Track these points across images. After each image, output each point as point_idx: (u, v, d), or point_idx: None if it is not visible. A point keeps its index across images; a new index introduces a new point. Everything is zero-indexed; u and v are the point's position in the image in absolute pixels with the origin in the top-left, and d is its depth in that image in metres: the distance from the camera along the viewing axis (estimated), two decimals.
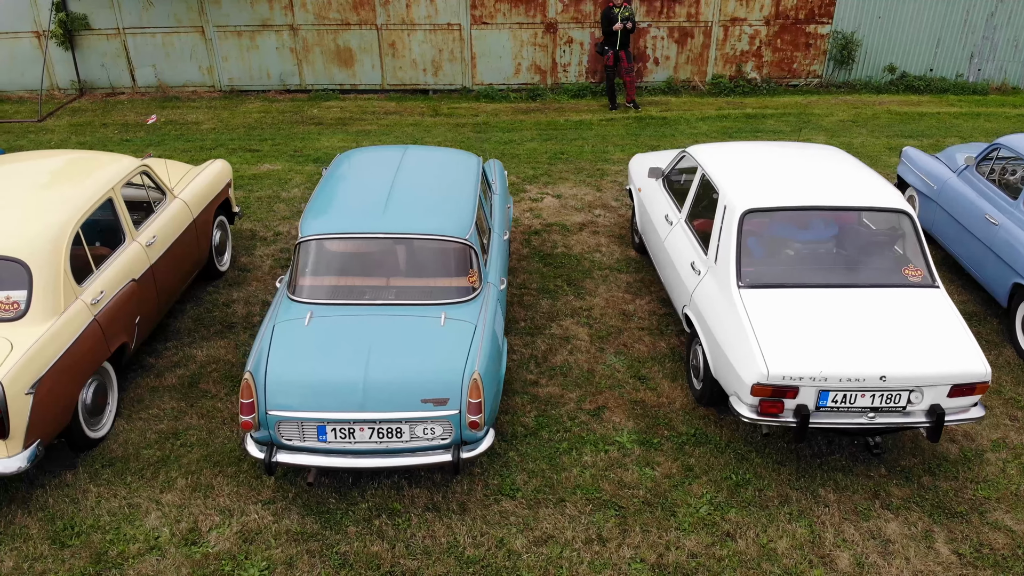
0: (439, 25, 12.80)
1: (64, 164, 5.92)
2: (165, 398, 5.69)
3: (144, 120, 11.86)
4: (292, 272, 5.24)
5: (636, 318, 6.64)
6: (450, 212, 5.41)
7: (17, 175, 5.68)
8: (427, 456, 4.61)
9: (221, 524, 4.62)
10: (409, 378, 4.57)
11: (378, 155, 6.42)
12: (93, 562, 4.38)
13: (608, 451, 5.20)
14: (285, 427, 4.60)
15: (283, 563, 4.37)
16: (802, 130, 11.40)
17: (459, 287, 5.15)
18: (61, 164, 5.94)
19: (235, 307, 6.81)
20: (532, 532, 4.58)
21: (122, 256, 5.53)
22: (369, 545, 4.48)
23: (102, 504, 4.77)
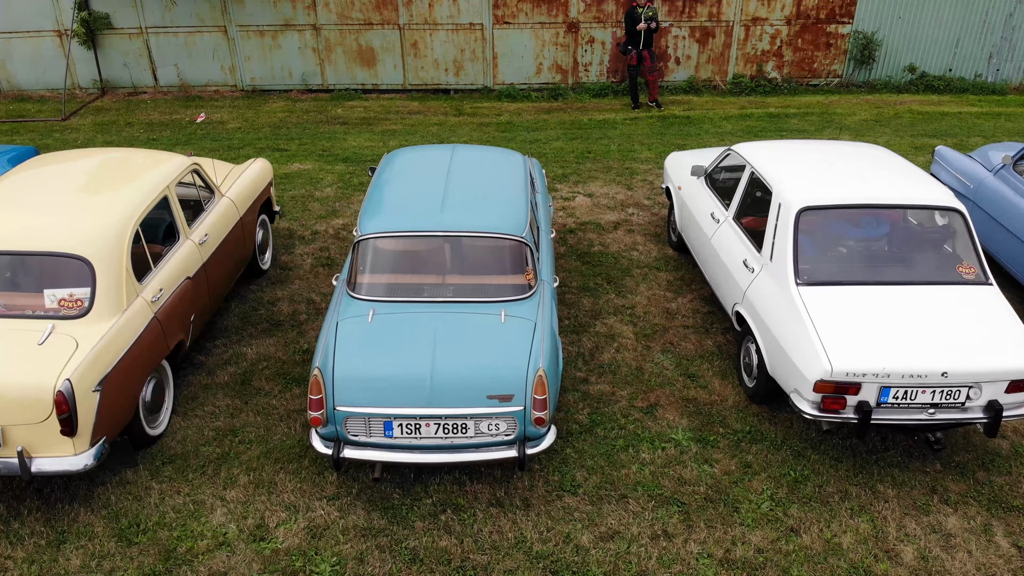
0: (461, 25, 12.82)
1: (118, 162, 5.93)
2: (219, 395, 5.70)
3: (194, 119, 11.93)
4: (351, 270, 5.25)
5: (680, 316, 6.66)
6: (506, 210, 5.43)
7: (73, 173, 5.69)
8: (492, 452, 4.63)
9: (288, 520, 4.64)
10: (475, 374, 4.59)
11: (427, 154, 6.44)
12: (162, 559, 4.39)
13: (665, 448, 5.22)
14: (352, 423, 4.62)
15: (354, 558, 4.38)
16: (826, 129, 11.46)
17: (517, 285, 5.16)
18: (115, 162, 5.94)
19: (280, 305, 6.83)
20: (597, 528, 4.60)
21: (177, 254, 5.55)
22: (437, 540, 4.50)
23: (166, 501, 4.79)
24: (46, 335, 4.55)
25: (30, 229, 4.85)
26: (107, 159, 6.03)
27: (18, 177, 5.60)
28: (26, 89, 13.30)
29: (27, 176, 5.60)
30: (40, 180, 5.54)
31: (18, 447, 4.33)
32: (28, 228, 4.86)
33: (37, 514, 4.68)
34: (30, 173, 5.65)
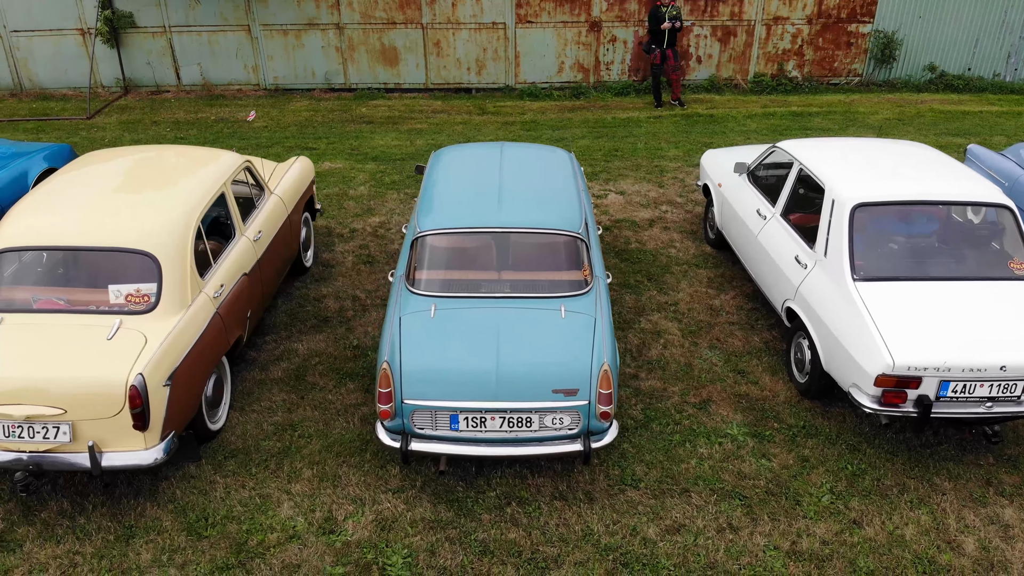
0: (484, 24, 12.86)
1: (174, 159, 5.96)
2: (274, 391, 5.74)
3: (244, 117, 11.99)
4: (409, 266, 5.29)
5: (724, 313, 6.70)
6: (562, 206, 5.47)
7: (130, 169, 5.73)
8: (557, 445, 4.67)
9: (355, 513, 4.67)
10: (540, 369, 4.62)
11: (476, 151, 6.48)
12: (234, 552, 4.43)
13: (722, 443, 5.26)
14: (418, 416, 4.66)
15: (425, 550, 4.42)
16: (850, 128, 11.50)
17: (574, 280, 5.20)
18: (171, 159, 5.98)
19: (326, 302, 6.86)
20: (662, 521, 4.64)
21: (234, 250, 5.58)
22: (505, 532, 4.54)
23: (232, 495, 4.82)
24: (114, 330, 4.59)
25: (96, 225, 4.88)
26: (162, 156, 6.06)
27: (74, 174, 5.63)
28: (48, 88, 13.32)
29: (83, 173, 5.63)
30: (98, 177, 5.57)
31: (89, 442, 4.37)
32: (93, 224, 4.89)
33: (103, 509, 4.72)
34: (86, 170, 5.68)
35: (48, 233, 4.86)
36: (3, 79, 13.31)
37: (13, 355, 4.45)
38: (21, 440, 4.39)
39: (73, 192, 5.33)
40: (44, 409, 4.30)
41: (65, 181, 5.49)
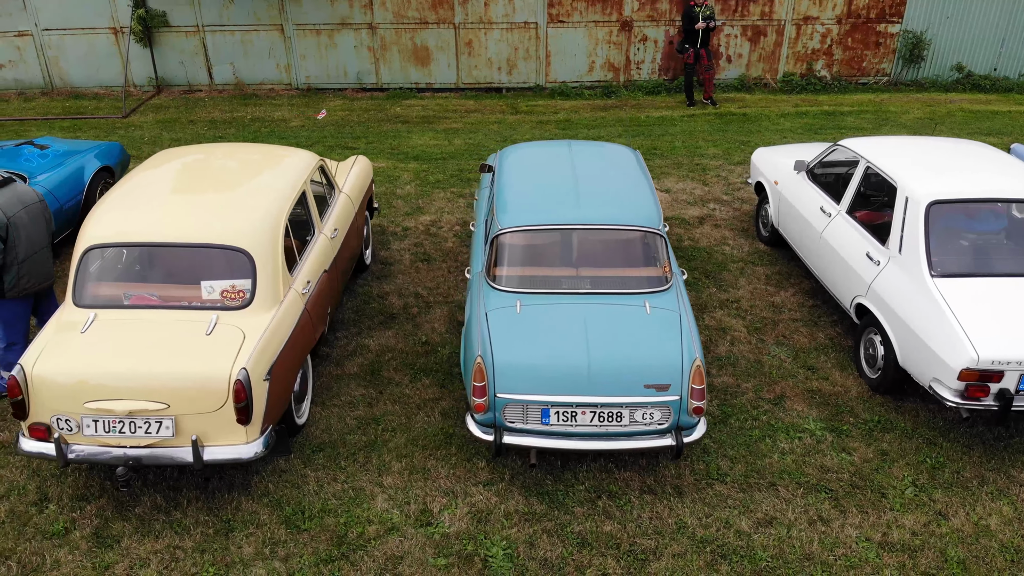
0: (516, 24, 12.91)
1: (254, 157, 6.01)
2: (352, 385, 5.79)
3: (315, 116, 12.07)
4: (490, 262, 5.35)
5: (787, 309, 6.77)
6: (639, 203, 5.53)
7: (212, 167, 5.78)
8: (649, 440, 4.73)
9: (450, 505, 4.73)
10: (632, 364, 4.68)
11: (545, 149, 6.55)
12: (335, 544, 4.48)
13: (800, 438, 5.32)
14: (510, 410, 4.71)
15: (523, 543, 4.48)
16: (883, 127, 11.58)
17: (654, 277, 5.26)
18: (251, 157, 6.03)
19: (390, 299, 6.91)
20: (753, 514, 4.70)
21: (315, 247, 5.63)
22: (600, 525, 4.60)
23: (325, 488, 4.87)
24: (212, 325, 4.64)
25: (189, 222, 4.93)
26: (240, 154, 6.12)
27: (154, 172, 5.67)
28: (79, 86, 13.35)
29: (164, 171, 5.68)
30: (180, 174, 5.62)
31: (192, 436, 4.42)
32: (187, 221, 4.94)
33: (198, 504, 4.77)
34: (165, 168, 5.73)
35: (140, 230, 4.90)
36: (34, 78, 13.34)
37: (112, 351, 4.50)
38: (122, 436, 4.44)
39: (159, 189, 5.38)
40: (147, 404, 4.35)
41: (147, 179, 5.54)
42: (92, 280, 4.88)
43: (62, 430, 4.45)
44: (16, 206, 5.35)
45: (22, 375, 4.39)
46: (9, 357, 5.61)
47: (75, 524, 4.62)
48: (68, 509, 4.73)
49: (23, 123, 11.88)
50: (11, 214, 5.28)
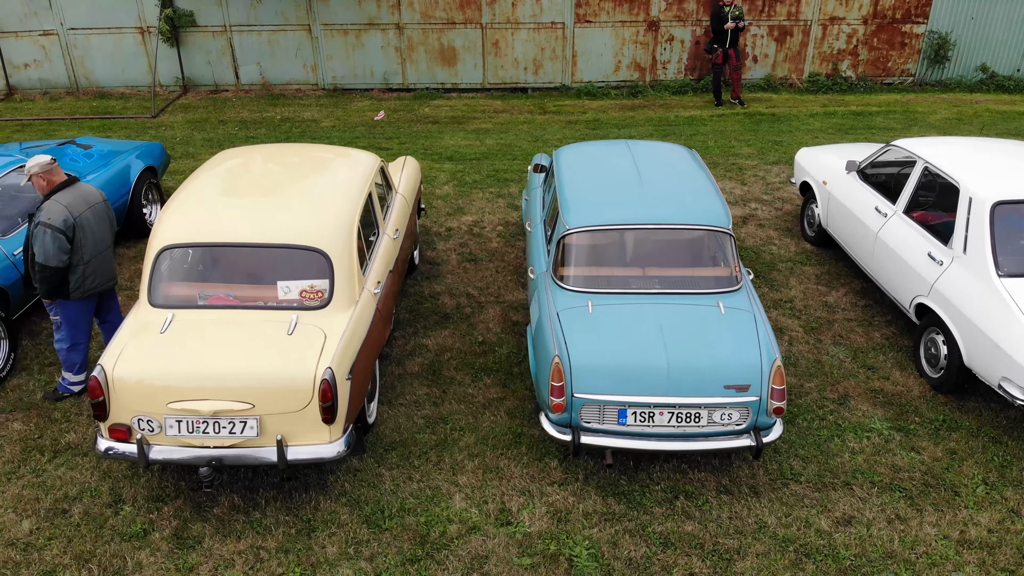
0: (543, 24, 12.92)
1: (317, 157, 6.02)
2: (415, 385, 5.79)
3: (373, 116, 12.11)
4: (556, 262, 5.35)
5: (840, 309, 6.78)
6: (707, 202, 5.53)
7: (279, 168, 5.79)
8: (727, 440, 4.73)
9: (528, 505, 4.73)
10: (712, 364, 4.68)
11: (603, 148, 6.55)
12: (418, 544, 4.48)
13: (869, 437, 5.34)
14: (586, 410, 4.72)
15: (606, 542, 4.48)
16: (913, 127, 11.60)
17: (724, 277, 5.26)
18: (314, 157, 6.03)
19: (442, 299, 6.92)
20: (832, 513, 4.71)
21: (381, 248, 5.64)
22: (681, 525, 4.60)
23: (401, 487, 4.88)
24: (293, 325, 4.64)
25: (265, 222, 4.94)
26: (303, 154, 6.13)
27: (218, 172, 5.66)
28: (105, 86, 13.34)
29: (229, 171, 5.68)
30: (247, 175, 5.63)
31: (278, 435, 4.42)
32: (263, 221, 4.94)
33: (276, 504, 4.77)
34: (230, 168, 5.73)
35: (216, 230, 4.90)
36: (59, 77, 13.33)
37: (195, 351, 4.50)
38: (206, 436, 4.43)
39: (228, 190, 5.39)
40: (233, 404, 4.35)
41: (214, 179, 5.54)
42: (167, 280, 4.88)
43: (143, 431, 4.45)
44: (82, 206, 5.35)
45: (103, 376, 4.39)
46: (73, 357, 5.62)
47: (153, 526, 4.62)
48: (144, 511, 4.72)
49: (51, 122, 11.87)
50: (77, 214, 5.28)
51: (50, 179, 5.32)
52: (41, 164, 5.25)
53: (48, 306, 5.50)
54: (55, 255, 5.14)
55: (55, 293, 5.34)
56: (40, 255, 5.16)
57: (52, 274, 5.19)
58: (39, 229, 5.16)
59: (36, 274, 5.27)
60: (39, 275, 5.24)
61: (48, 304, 5.48)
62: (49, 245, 5.12)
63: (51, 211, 5.18)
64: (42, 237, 5.14)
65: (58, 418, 5.52)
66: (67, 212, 5.20)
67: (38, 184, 5.33)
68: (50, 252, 5.13)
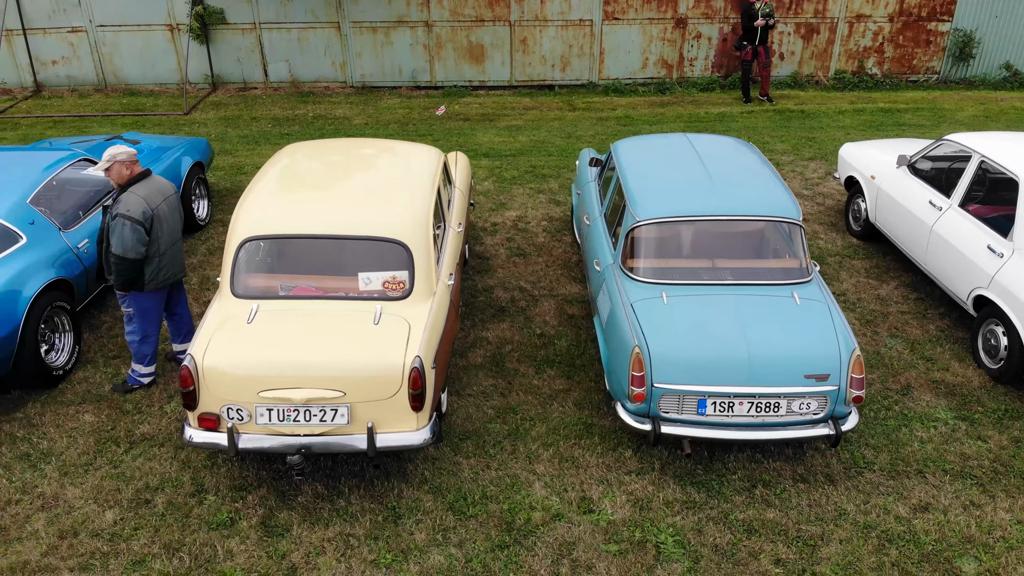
0: (571, 21, 12.97)
1: (386, 152, 6.07)
2: (480, 376, 5.85)
3: (435, 111, 12.19)
4: (625, 253, 5.40)
5: (893, 302, 6.84)
6: (776, 193, 5.58)
7: (349, 162, 5.84)
8: (806, 429, 4.79)
9: (608, 493, 4.79)
10: (792, 354, 4.74)
11: (663, 141, 6.61)
12: (505, 530, 4.53)
13: (935, 427, 5.40)
14: (665, 400, 4.78)
15: (691, 530, 4.54)
16: (941, 124, 11.67)
17: (796, 268, 5.31)
18: (384, 152, 6.08)
19: (496, 292, 6.97)
20: (908, 500, 4.77)
21: (448, 241, 5.69)
22: (763, 512, 4.66)
23: (480, 476, 4.93)
24: (378, 315, 4.69)
25: (346, 215, 5.00)
26: (372, 148, 6.18)
27: (288, 165, 5.71)
28: (133, 83, 13.36)
29: (299, 165, 5.73)
30: (318, 168, 5.68)
31: (368, 423, 4.47)
32: (344, 214, 5.00)
33: (359, 492, 4.82)
34: (299, 162, 5.77)
35: (297, 222, 4.95)
36: (87, 74, 13.35)
37: (285, 341, 4.55)
38: (297, 424, 4.49)
39: (303, 183, 5.45)
40: (325, 392, 4.40)
41: (286, 173, 5.59)
42: (249, 271, 4.93)
43: (232, 420, 4.50)
44: (158, 198, 5.40)
45: (194, 365, 4.44)
46: (144, 349, 5.66)
47: (239, 514, 4.67)
48: (229, 500, 4.77)
49: (83, 119, 11.91)
50: (154, 206, 5.33)
51: (133, 169, 5.35)
52: (122, 155, 5.30)
53: (121, 298, 5.55)
54: (133, 247, 5.19)
55: (130, 285, 5.38)
56: (118, 247, 5.20)
57: (129, 266, 5.24)
58: (117, 221, 5.20)
59: (112, 266, 5.31)
60: (116, 267, 5.28)
61: (121, 296, 5.53)
62: (128, 237, 5.16)
63: (130, 203, 5.22)
64: (120, 229, 5.18)
65: (129, 410, 5.57)
66: (145, 204, 5.24)
67: (118, 173, 5.34)
68: (128, 244, 5.17)
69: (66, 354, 5.94)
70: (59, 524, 4.61)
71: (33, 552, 4.43)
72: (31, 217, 5.93)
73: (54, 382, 5.80)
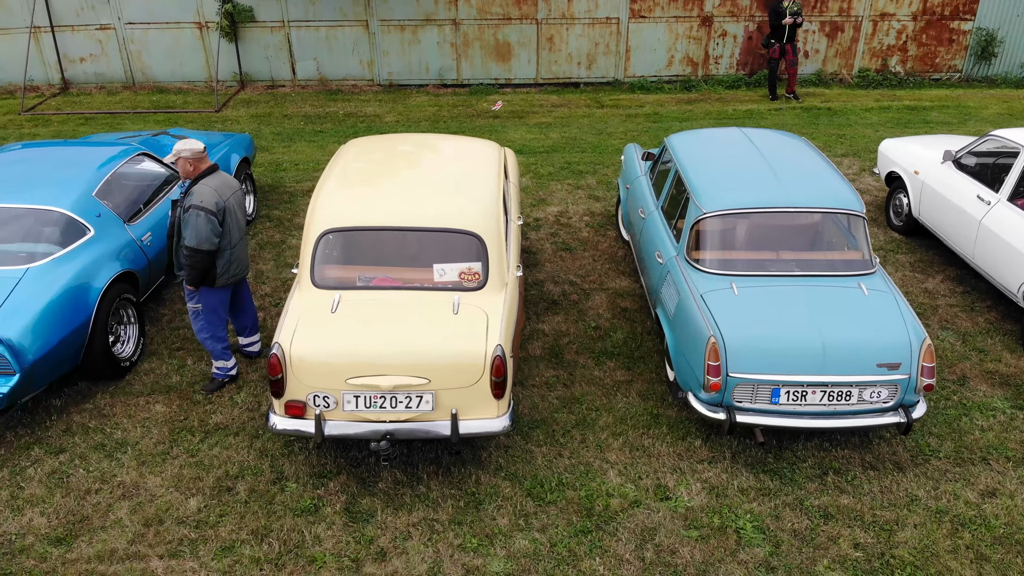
0: (598, 19, 13.06)
1: (449, 146, 6.14)
2: (541, 367, 5.93)
3: (492, 107, 12.33)
4: (690, 245, 5.48)
5: (941, 296, 6.94)
6: (838, 186, 5.65)
7: (420, 156, 5.93)
8: (877, 417, 4.88)
9: (682, 481, 4.87)
10: (865, 344, 4.82)
11: (721, 135, 6.68)
12: (585, 516, 4.62)
13: (994, 415, 5.49)
14: (740, 390, 4.86)
15: (769, 516, 4.63)
16: (968, 122, 11.77)
17: (861, 260, 5.39)
18: (447, 147, 6.16)
19: (546, 286, 7.05)
20: (975, 486, 4.86)
21: (511, 233, 5.77)
22: (837, 499, 4.75)
23: (554, 463, 5.01)
24: (457, 305, 4.77)
25: (423, 208, 5.07)
26: (435, 143, 6.26)
27: (361, 160, 5.79)
28: (161, 81, 13.43)
29: (369, 159, 5.80)
30: (386, 162, 5.76)
31: (452, 409, 4.56)
32: (420, 207, 5.08)
33: (438, 478, 4.89)
34: (368, 157, 5.84)
35: (375, 215, 5.02)
36: (115, 72, 13.41)
37: (370, 329, 4.63)
38: (383, 411, 4.57)
39: (374, 177, 5.52)
40: (411, 379, 4.48)
41: (355, 166, 5.66)
42: (328, 262, 5.01)
43: (319, 407, 4.58)
44: (227, 192, 5.46)
45: (282, 354, 4.52)
46: (219, 345, 5.67)
47: (322, 501, 4.75)
48: (310, 487, 4.85)
49: (114, 116, 11.97)
50: (225, 199, 5.40)
51: (197, 165, 5.42)
52: (193, 150, 5.34)
53: (190, 295, 5.57)
54: (207, 238, 5.24)
55: (202, 279, 5.43)
56: (193, 239, 5.25)
57: (203, 258, 5.29)
58: (191, 213, 5.25)
59: (186, 259, 5.34)
60: (189, 260, 5.32)
61: (190, 292, 5.55)
62: (203, 228, 5.22)
63: (203, 194, 5.28)
64: (195, 220, 5.23)
65: (200, 400, 5.64)
66: (217, 196, 5.31)
67: (184, 168, 5.41)
68: (203, 235, 5.22)
69: (132, 345, 6.01)
70: (143, 512, 4.70)
71: (119, 540, 4.51)
72: (97, 210, 6.01)
73: (121, 373, 5.88)
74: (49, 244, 5.67)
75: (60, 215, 5.77)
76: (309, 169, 9.83)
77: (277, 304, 6.82)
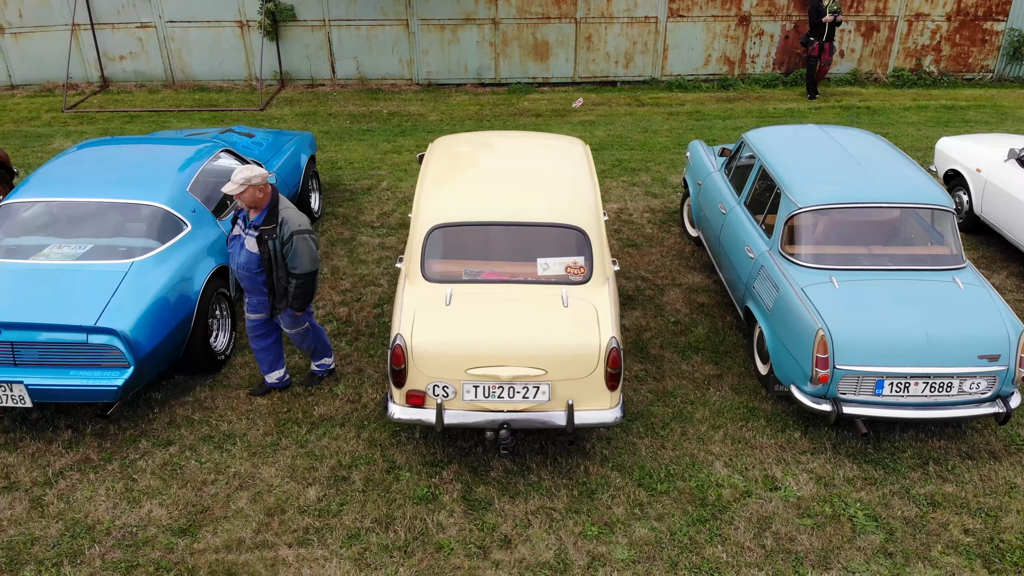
0: (636, 18, 13.17)
1: (540, 144, 6.26)
2: (628, 361, 6.03)
3: (574, 104, 12.48)
4: (783, 239, 5.59)
5: (1008, 291, 7.04)
6: (925, 182, 5.75)
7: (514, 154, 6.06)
8: (976, 408, 4.99)
9: (789, 472, 4.98)
10: (968, 336, 4.93)
11: (801, 131, 6.79)
12: (699, 506, 4.72)
13: None
14: (845, 382, 4.97)
15: (878, 504, 4.73)
16: (1006, 121, 11.90)
17: (951, 254, 5.50)
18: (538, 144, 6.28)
19: (619, 282, 7.15)
20: None
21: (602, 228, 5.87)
22: (941, 487, 4.86)
23: (659, 455, 5.12)
24: (566, 298, 4.87)
25: (527, 203, 5.17)
26: (525, 140, 6.40)
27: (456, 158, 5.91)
28: (201, 79, 13.50)
29: (464, 157, 5.91)
30: (482, 160, 5.87)
31: (569, 400, 4.66)
32: (526, 203, 5.18)
33: (548, 468, 4.99)
34: (463, 155, 5.95)
35: (482, 211, 5.12)
36: (155, 70, 13.48)
37: (487, 321, 4.74)
38: (501, 400, 4.67)
39: (474, 173, 5.62)
40: (529, 370, 4.58)
41: (454, 164, 5.79)
42: (438, 257, 5.11)
43: (439, 396, 4.68)
44: None
45: (405, 344, 4.62)
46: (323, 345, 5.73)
47: (439, 489, 4.85)
48: (425, 476, 4.95)
49: (158, 114, 12.04)
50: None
51: (267, 191, 5.12)
52: (263, 175, 5.07)
53: (300, 320, 5.39)
54: (316, 258, 5.17)
55: (311, 300, 5.31)
56: (308, 263, 5.08)
57: (314, 279, 5.21)
58: (296, 239, 5.04)
59: (298, 287, 5.13)
60: (302, 286, 5.13)
61: (300, 318, 5.38)
62: (312, 250, 5.13)
63: (295, 219, 5.13)
64: (302, 246, 5.06)
65: (300, 392, 5.73)
66: (303, 216, 5.25)
67: (253, 196, 5.03)
68: (315, 255, 5.15)
69: (225, 339, 6.10)
70: (263, 502, 4.79)
71: (244, 530, 4.60)
72: (192, 205, 6.09)
73: (217, 367, 5.97)
74: (148, 239, 5.76)
75: (158, 210, 5.85)
76: (365, 168, 9.92)
77: (359, 299, 6.92)
